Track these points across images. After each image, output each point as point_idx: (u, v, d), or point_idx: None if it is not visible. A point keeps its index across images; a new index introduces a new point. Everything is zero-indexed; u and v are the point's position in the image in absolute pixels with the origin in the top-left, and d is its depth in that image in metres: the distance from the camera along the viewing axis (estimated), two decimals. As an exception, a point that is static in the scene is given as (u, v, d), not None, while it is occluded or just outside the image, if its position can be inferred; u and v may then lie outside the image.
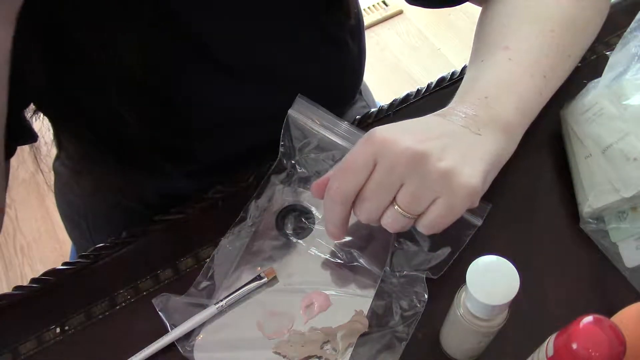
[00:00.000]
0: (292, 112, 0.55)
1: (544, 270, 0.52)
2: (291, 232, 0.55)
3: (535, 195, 0.57)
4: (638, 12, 0.56)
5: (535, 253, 0.53)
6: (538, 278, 0.51)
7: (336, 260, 0.53)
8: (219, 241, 0.55)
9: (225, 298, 0.51)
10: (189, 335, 0.50)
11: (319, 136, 0.55)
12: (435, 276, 0.51)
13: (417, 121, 0.48)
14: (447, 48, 1.85)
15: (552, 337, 0.39)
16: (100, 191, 0.66)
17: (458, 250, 0.51)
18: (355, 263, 0.53)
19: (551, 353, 0.38)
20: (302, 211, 0.56)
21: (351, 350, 0.49)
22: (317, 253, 0.54)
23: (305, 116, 0.55)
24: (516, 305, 0.40)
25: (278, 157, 0.57)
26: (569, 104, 0.57)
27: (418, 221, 0.45)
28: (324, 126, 0.55)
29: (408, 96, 0.64)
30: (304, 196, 0.57)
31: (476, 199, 0.45)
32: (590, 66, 0.63)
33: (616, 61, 0.55)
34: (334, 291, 0.52)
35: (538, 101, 0.52)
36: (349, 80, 0.70)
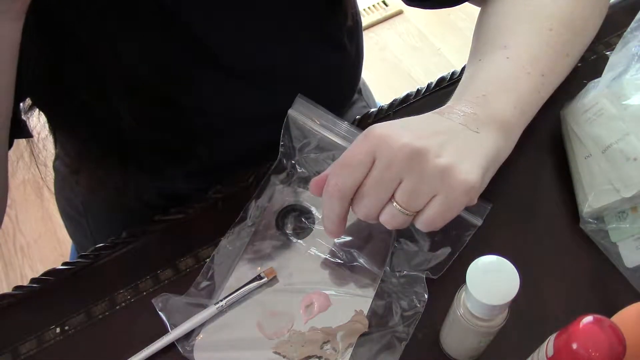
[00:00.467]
0: (292, 112, 0.55)
1: (544, 270, 0.52)
2: (291, 232, 0.55)
3: (535, 195, 0.57)
4: (638, 12, 0.56)
5: (535, 253, 0.53)
6: (538, 278, 0.51)
7: (336, 260, 0.53)
8: (219, 241, 0.55)
9: (225, 298, 0.51)
10: (189, 335, 0.50)
11: (319, 136, 0.55)
12: (435, 276, 0.51)
13: (416, 118, 0.48)
14: (447, 48, 1.85)
15: (552, 337, 0.39)
16: (99, 190, 0.66)
17: (458, 250, 0.51)
18: (355, 263, 0.53)
19: (551, 353, 0.38)
20: (302, 211, 0.56)
21: (351, 350, 0.49)
22: (317, 253, 0.54)
23: (305, 116, 0.55)
24: (516, 305, 0.40)
25: (278, 157, 0.57)
26: (569, 104, 0.57)
27: (417, 218, 0.45)
28: (324, 126, 0.55)
29: (408, 96, 0.64)
30: (304, 196, 0.57)
31: (474, 196, 0.45)
32: (590, 66, 0.63)
33: (616, 61, 0.55)
34: (334, 291, 0.52)
35: (536, 99, 0.52)
36: (347, 80, 0.70)
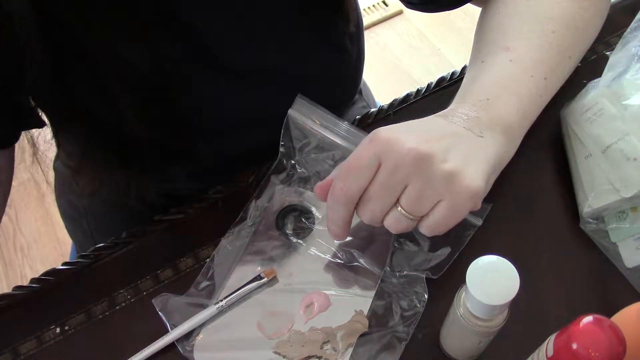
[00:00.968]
0: (292, 112, 0.55)
1: (544, 270, 0.52)
2: (291, 232, 0.55)
3: (535, 195, 0.57)
4: (638, 12, 0.56)
5: (535, 253, 0.53)
6: (538, 278, 0.51)
7: (336, 260, 0.53)
8: (219, 241, 0.55)
9: (225, 298, 0.51)
10: (189, 335, 0.50)
11: (319, 136, 0.55)
12: (435, 276, 0.51)
13: (420, 122, 0.48)
14: (447, 48, 1.85)
15: (552, 337, 0.39)
16: (100, 191, 0.66)
17: (458, 250, 0.51)
18: (355, 263, 0.53)
19: (551, 353, 0.38)
20: (302, 211, 0.56)
21: (351, 350, 0.49)
22: (317, 253, 0.54)
23: (305, 116, 0.55)
24: (516, 305, 0.40)
25: (278, 157, 0.57)
26: (569, 104, 0.57)
27: (421, 223, 0.45)
28: (324, 126, 0.55)
29: (408, 96, 0.64)
30: (304, 196, 0.57)
31: (479, 201, 0.45)
32: (590, 66, 0.63)
33: (616, 61, 0.55)
34: (334, 291, 0.52)
35: (539, 103, 0.52)
36: (348, 82, 0.70)
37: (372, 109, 0.64)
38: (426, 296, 0.50)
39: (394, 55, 1.86)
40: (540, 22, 0.53)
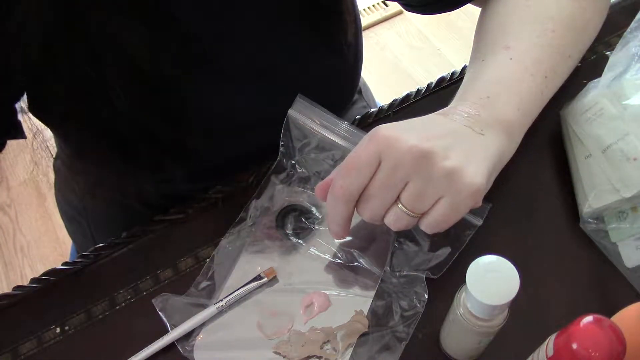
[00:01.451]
0: (292, 112, 0.55)
1: (544, 270, 0.52)
2: (291, 232, 0.55)
3: (535, 195, 0.57)
4: (638, 12, 0.56)
5: (535, 253, 0.53)
6: (538, 278, 0.51)
7: (336, 260, 0.53)
8: (219, 241, 0.55)
9: (225, 298, 0.51)
10: (189, 335, 0.50)
11: (319, 136, 0.55)
12: (435, 276, 0.51)
13: (420, 120, 0.48)
14: (447, 48, 1.85)
15: (552, 337, 0.39)
16: (99, 190, 0.66)
17: (458, 250, 0.51)
18: (355, 263, 0.53)
19: (551, 353, 0.38)
20: (302, 211, 0.56)
21: (351, 350, 0.49)
22: (317, 253, 0.54)
23: (305, 116, 0.55)
24: (516, 305, 0.40)
25: (278, 157, 0.57)
26: (569, 104, 0.57)
27: (422, 220, 0.45)
28: (324, 126, 0.55)
29: (408, 96, 0.64)
30: (304, 196, 0.57)
31: (479, 199, 0.45)
32: (590, 66, 0.63)
33: (616, 61, 0.55)
34: (334, 291, 0.52)
35: (539, 101, 0.52)
36: (345, 85, 0.70)
37: (372, 109, 0.64)
38: (426, 296, 0.50)
39: (394, 55, 1.86)
40: (540, 22, 0.53)
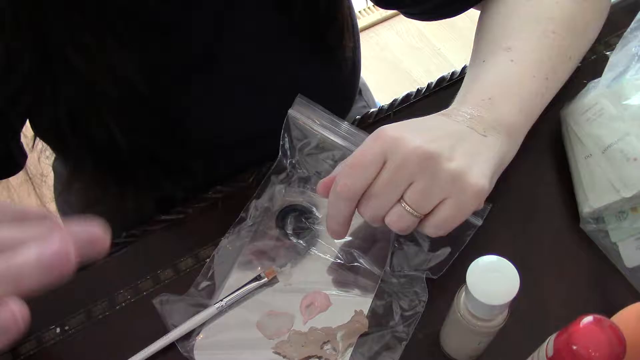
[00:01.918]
0: (292, 112, 0.55)
1: (544, 270, 0.52)
2: (291, 232, 0.55)
3: (535, 195, 0.57)
4: (638, 12, 0.56)
5: (535, 253, 0.53)
6: (538, 278, 0.51)
7: (336, 260, 0.53)
8: (219, 241, 0.55)
9: (225, 298, 0.51)
10: (189, 335, 0.50)
11: (319, 136, 0.55)
12: (435, 276, 0.51)
13: (424, 120, 0.48)
14: (447, 48, 1.85)
15: (552, 337, 0.39)
16: (96, 207, 0.65)
17: (458, 250, 0.51)
18: (355, 263, 0.53)
19: (551, 353, 0.38)
20: (302, 211, 0.56)
21: (351, 350, 0.49)
22: (317, 253, 0.54)
23: (305, 116, 0.55)
24: (516, 305, 0.40)
25: (278, 157, 0.57)
26: (569, 104, 0.57)
27: (426, 222, 0.45)
28: (324, 126, 0.55)
29: (408, 96, 0.64)
30: (304, 196, 0.57)
31: (483, 200, 0.45)
32: (590, 66, 0.63)
33: (616, 61, 0.55)
34: (334, 291, 0.52)
35: (540, 103, 0.52)
36: (344, 95, 0.71)
37: (372, 109, 0.64)
38: (426, 296, 0.50)
39: (394, 55, 1.86)
40: (541, 23, 0.53)
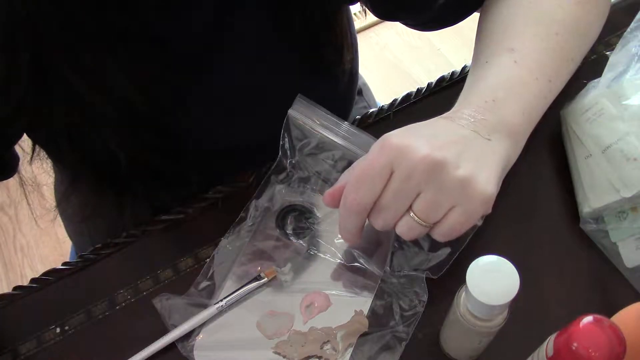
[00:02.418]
0: (292, 112, 0.55)
1: (544, 270, 0.52)
2: (291, 232, 0.55)
3: (535, 195, 0.57)
4: (638, 12, 0.56)
5: (535, 253, 0.53)
6: (538, 278, 0.51)
7: (336, 260, 0.53)
8: (219, 241, 0.55)
9: (225, 298, 0.51)
10: (189, 335, 0.50)
11: (319, 136, 0.55)
12: (435, 276, 0.51)
13: (428, 126, 0.47)
14: (447, 48, 1.85)
15: (552, 337, 0.39)
16: (92, 218, 0.65)
17: (458, 250, 0.51)
18: (355, 263, 0.53)
19: (551, 353, 0.38)
20: (302, 211, 0.56)
21: (351, 350, 0.49)
22: (317, 253, 0.54)
23: (305, 116, 0.55)
24: (516, 305, 0.40)
25: (278, 157, 0.57)
26: (569, 104, 0.57)
27: (434, 229, 0.45)
28: (324, 126, 0.55)
29: (408, 96, 0.64)
30: (304, 196, 0.57)
31: (490, 206, 0.45)
32: (590, 66, 0.62)
33: (616, 61, 0.55)
34: (334, 291, 0.52)
35: (542, 105, 0.51)
36: (341, 105, 0.71)
37: (372, 109, 0.64)
38: (426, 296, 0.50)
39: (394, 55, 1.86)
40: (544, 24, 0.53)
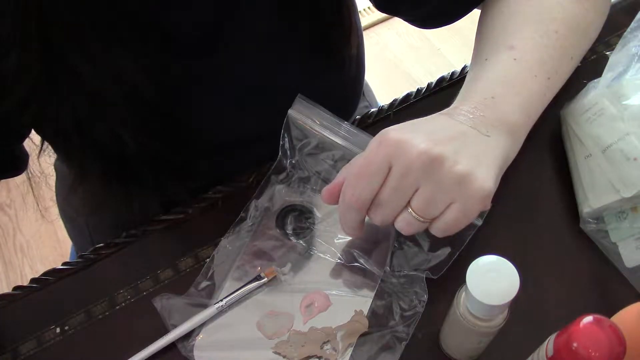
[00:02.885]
0: (292, 112, 0.55)
1: (544, 270, 0.52)
2: (291, 232, 0.55)
3: (535, 195, 0.57)
4: (638, 12, 0.56)
5: (535, 253, 0.53)
6: (538, 278, 0.51)
7: (336, 260, 0.53)
8: (219, 241, 0.55)
9: (225, 298, 0.51)
10: (189, 335, 0.50)
11: (319, 136, 0.55)
12: (435, 276, 0.51)
13: (426, 121, 0.47)
14: (447, 48, 1.85)
15: (552, 337, 0.39)
16: (99, 211, 0.65)
17: (458, 250, 0.51)
18: (355, 263, 0.53)
19: (551, 353, 0.38)
20: (302, 211, 0.56)
21: (351, 350, 0.49)
22: (317, 253, 0.54)
23: (305, 116, 0.55)
24: (516, 305, 0.40)
25: (278, 157, 0.57)
26: (569, 104, 0.57)
27: (432, 225, 0.45)
28: (324, 126, 0.55)
29: (408, 96, 0.64)
30: (304, 196, 0.57)
31: (489, 202, 0.45)
32: (590, 66, 0.63)
33: (616, 61, 0.55)
34: (334, 291, 0.52)
35: (542, 102, 0.52)
36: (349, 94, 0.71)
37: (372, 109, 0.64)
38: (426, 296, 0.50)
39: (394, 55, 1.86)
40: (543, 22, 0.53)
